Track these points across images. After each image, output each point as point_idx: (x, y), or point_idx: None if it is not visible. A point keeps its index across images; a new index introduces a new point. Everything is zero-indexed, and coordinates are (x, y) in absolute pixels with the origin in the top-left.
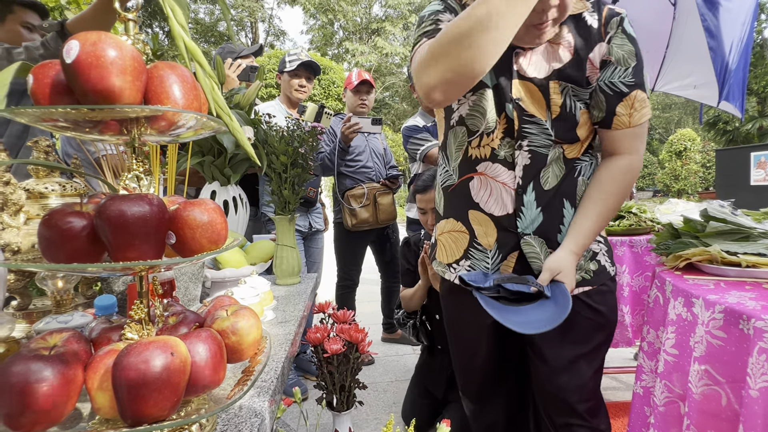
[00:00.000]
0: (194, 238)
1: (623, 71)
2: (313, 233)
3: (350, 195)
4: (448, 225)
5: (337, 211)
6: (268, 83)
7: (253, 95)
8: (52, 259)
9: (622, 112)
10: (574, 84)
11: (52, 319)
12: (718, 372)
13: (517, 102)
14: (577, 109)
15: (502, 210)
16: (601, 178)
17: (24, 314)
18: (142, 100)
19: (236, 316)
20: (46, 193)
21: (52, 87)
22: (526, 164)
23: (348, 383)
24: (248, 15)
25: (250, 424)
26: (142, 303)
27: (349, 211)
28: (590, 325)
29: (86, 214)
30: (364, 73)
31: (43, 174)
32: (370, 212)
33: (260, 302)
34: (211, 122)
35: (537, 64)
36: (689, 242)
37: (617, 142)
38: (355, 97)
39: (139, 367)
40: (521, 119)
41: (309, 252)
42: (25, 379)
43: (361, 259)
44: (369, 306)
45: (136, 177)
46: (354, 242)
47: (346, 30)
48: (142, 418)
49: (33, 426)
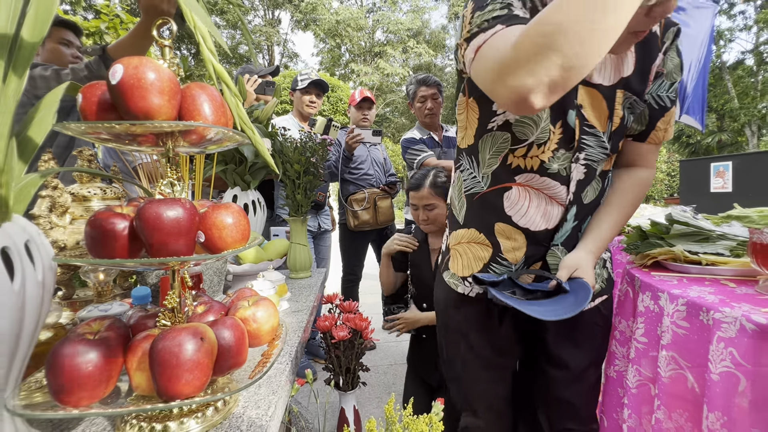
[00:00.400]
0: (221, 237)
1: (669, 85)
2: (321, 233)
3: (353, 199)
4: (468, 235)
5: (341, 213)
6: (283, 100)
7: (270, 111)
8: (97, 255)
9: (661, 126)
10: (637, 96)
11: (93, 307)
12: (683, 358)
13: (579, 109)
14: (630, 122)
15: (544, 225)
16: (624, 188)
17: (68, 303)
18: (177, 116)
19: (256, 306)
20: (88, 196)
21: (99, 105)
22: (580, 179)
23: (353, 366)
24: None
25: (268, 401)
26: (174, 294)
27: (352, 213)
28: (602, 333)
29: (127, 215)
30: (365, 91)
31: (86, 180)
32: (371, 214)
33: (276, 294)
34: (236, 136)
35: (603, 69)
36: (656, 243)
37: (644, 155)
38: (358, 113)
39: (173, 350)
40: (581, 129)
41: (318, 249)
42: (73, 360)
43: (363, 255)
44: (371, 298)
45: (170, 183)
46: (356, 241)
47: (351, 53)
48: (176, 395)
49: (79, 402)
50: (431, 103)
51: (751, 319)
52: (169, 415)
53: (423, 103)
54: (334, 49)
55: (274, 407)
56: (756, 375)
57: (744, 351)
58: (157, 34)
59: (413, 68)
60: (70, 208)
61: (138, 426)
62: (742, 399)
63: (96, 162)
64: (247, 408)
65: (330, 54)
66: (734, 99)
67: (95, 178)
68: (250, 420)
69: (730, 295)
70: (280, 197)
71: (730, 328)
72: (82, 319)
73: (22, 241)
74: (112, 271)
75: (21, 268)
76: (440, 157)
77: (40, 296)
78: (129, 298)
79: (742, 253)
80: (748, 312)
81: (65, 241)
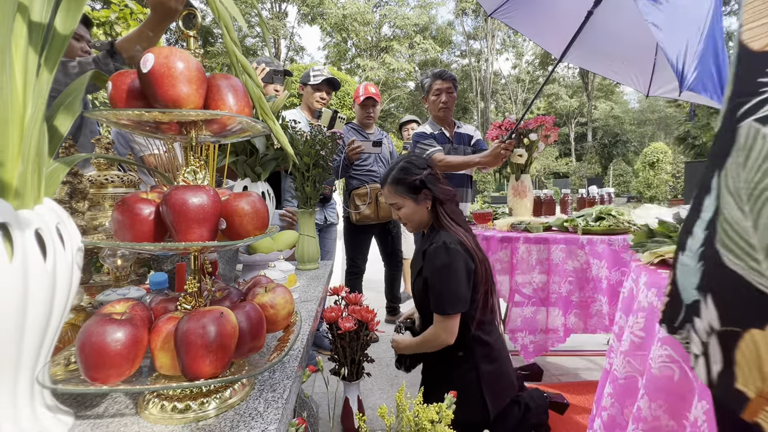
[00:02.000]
0: (242, 224)
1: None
2: (327, 226)
3: (356, 194)
4: None
5: (344, 207)
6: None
7: (281, 103)
8: (123, 239)
9: None
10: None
11: (111, 291)
12: (676, 352)
13: None
14: None
15: None
16: None
17: (85, 288)
18: (203, 105)
19: (274, 293)
20: (105, 183)
21: (128, 92)
22: None
23: (358, 357)
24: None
25: (283, 385)
26: (195, 278)
27: (354, 207)
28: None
29: (153, 201)
30: (370, 88)
31: (104, 167)
32: (372, 209)
33: (287, 283)
34: (258, 126)
35: None
36: (663, 241)
37: None
38: (362, 111)
39: (199, 332)
40: None
41: (323, 242)
42: (102, 339)
43: (366, 249)
44: (374, 292)
45: (193, 171)
46: (359, 234)
47: (358, 47)
48: (200, 375)
49: (107, 379)
50: (446, 97)
51: None
52: (190, 394)
53: (438, 97)
54: (340, 43)
55: (288, 391)
56: None
57: None
58: (183, 25)
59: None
60: (88, 195)
61: (160, 404)
62: None
63: (114, 150)
64: (263, 391)
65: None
66: None
67: (112, 166)
68: (266, 402)
69: None
70: (289, 189)
71: None
72: (101, 302)
73: (53, 224)
74: (130, 256)
75: (53, 249)
76: (449, 153)
77: (70, 277)
78: (143, 284)
79: None
80: None
81: (84, 226)
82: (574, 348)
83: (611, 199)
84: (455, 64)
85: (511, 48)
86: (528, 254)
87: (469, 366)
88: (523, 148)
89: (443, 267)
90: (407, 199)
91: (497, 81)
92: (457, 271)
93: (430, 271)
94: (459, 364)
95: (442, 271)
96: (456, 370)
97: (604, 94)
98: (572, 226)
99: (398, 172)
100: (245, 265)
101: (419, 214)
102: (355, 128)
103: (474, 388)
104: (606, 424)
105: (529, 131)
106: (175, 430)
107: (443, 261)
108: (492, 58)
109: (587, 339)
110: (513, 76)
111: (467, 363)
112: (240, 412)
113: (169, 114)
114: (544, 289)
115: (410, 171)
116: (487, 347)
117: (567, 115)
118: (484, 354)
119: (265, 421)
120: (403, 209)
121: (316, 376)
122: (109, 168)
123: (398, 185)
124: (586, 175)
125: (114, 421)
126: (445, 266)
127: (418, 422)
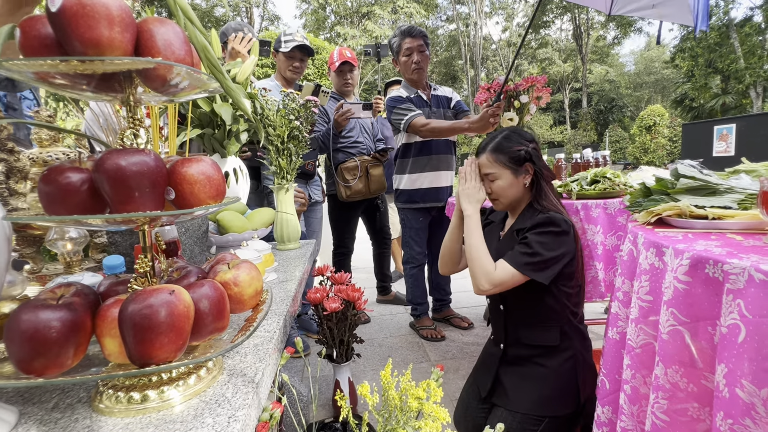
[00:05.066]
0: (193, 193)
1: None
2: (312, 204)
3: (344, 168)
4: None
5: (330, 184)
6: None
7: (249, 69)
8: (54, 213)
9: None
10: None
11: (62, 279)
12: (682, 314)
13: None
14: None
15: None
16: None
17: (37, 277)
18: (132, 53)
19: (237, 269)
20: (50, 161)
21: (40, 40)
22: None
23: (346, 338)
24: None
25: (255, 368)
26: (147, 257)
27: (344, 181)
28: None
29: (85, 169)
30: (345, 52)
31: (47, 143)
32: (363, 183)
33: (262, 263)
34: (204, 78)
35: None
36: (660, 199)
37: None
38: (339, 78)
39: (144, 312)
40: None
41: (308, 222)
42: (33, 326)
43: (354, 226)
44: (364, 273)
45: (133, 134)
46: (346, 212)
47: (337, 14)
48: (150, 360)
49: (44, 370)
50: (417, 56)
51: (760, 269)
52: (148, 383)
53: (409, 57)
54: (318, 10)
55: (261, 374)
56: (755, 326)
57: (749, 302)
58: None
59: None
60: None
61: (115, 396)
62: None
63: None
64: (233, 376)
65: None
66: (740, 59)
67: (57, 142)
68: (236, 387)
69: (738, 248)
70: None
71: (739, 279)
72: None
73: None
74: (80, 240)
75: None
76: (429, 117)
77: None
78: (101, 270)
79: (750, 206)
80: (757, 262)
81: (27, 209)
82: None
83: (607, 162)
84: (442, 30)
85: (500, 11)
86: None
87: (568, 355)
88: (514, 111)
89: (555, 234)
90: (507, 170)
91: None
92: (564, 245)
93: (538, 231)
94: (555, 354)
95: (550, 236)
96: (551, 361)
97: (599, 57)
98: (566, 191)
99: (502, 139)
100: (218, 247)
101: (514, 189)
102: (334, 97)
103: (570, 379)
104: (630, 398)
105: (519, 93)
106: (132, 423)
107: (559, 228)
108: (481, 21)
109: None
110: (504, 41)
111: (566, 352)
112: (206, 399)
113: (90, 63)
114: None
115: (516, 140)
116: (582, 335)
117: (561, 80)
118: (582, 343)
119: (232, 407)
120: (499, 181)
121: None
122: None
123: (500, 153)
124: (581, 142)
125: (64, 416)
126: (557, 234)
127: (405, 401)
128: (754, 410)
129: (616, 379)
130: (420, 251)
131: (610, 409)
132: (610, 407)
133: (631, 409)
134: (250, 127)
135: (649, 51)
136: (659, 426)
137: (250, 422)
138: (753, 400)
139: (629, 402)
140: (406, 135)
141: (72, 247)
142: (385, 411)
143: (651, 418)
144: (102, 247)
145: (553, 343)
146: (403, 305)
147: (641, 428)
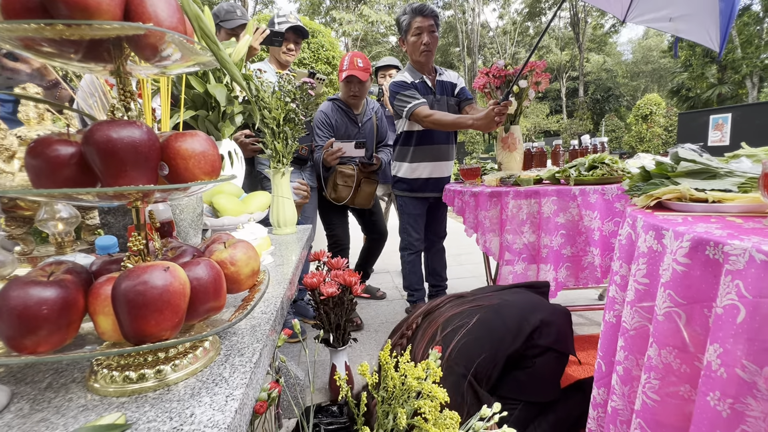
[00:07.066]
0: (187, 168)
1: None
2: None
3: (340, 171)
4: None
5: (317, 177)
6: None
7: (243, 49)
8: (41, 188)
9: None
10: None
11: (53, 259)
12: (679, 295)
13: None
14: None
15: None
16: None
17: (28, 259)
18: (121, 18)
19: (234, 248)
20: None
21: (23, 2)
22: None
23: (343, 322)
24: None
25: (252, 348)
26: (140, 235)
27: (333, 185)
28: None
29: (74, 142)
30: (356, 60)
31: (35, 122)
32: (349, 193)
33: (259, 246)
34: (197, 48)
35: None
36: (660, 182)
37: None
38: (346, 88)
39: (138, 288)
40: None
41: (303, 208)
42: (23, 302)
43: (346, 221)
44: None
45: (124, 107)
46: (335, 208)
47: None
48: (145, 337)
49: (36, 347)
50: (428, 37)
51: (761, 249)
52: (144, 363)
53: (418, 37)
54: None
55: (258, 354)
56: (755, 306)
57: (749, 283)
58: None
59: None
60: (18, 154)
61: (110, 375)
62: (739, 330)
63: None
64: (231, 356)
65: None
66: (737, 48)
67: (45, 120)
68: (233, 367)
69: (738, 230)
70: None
71: (739, 260)
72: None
73: None
74: (72, 220)
75: None
76: (432, 105)
77: None
78: (95, 251)
79: (750, 189)
80: (759, 243)
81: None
82: (565, 304)
83: (605, 148)
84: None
85: None
86: (518, 209)
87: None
88: (512, 96)
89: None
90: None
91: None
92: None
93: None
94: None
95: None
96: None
97: (596, 46)
98: (564, 177)
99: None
100: (213, 231)
101: None
102: (341, 107)
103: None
104: (622, 378)
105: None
106: (128, 402)
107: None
108: (478, 8)
109: (577, 294)
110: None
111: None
112: (203, 379)
113: (77, 28)
114: (535, 245)
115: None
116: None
117: (558, 69)
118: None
119: (230, 386)
120: None
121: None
122: (41, 123)
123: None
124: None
125: (58, 396)
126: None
127: (405, 381)
128: (755, 388)
129: (612, 361)
130: (418, 237)
131: (605, 390)
132: (605, 389)
133: (622, 390)
134: (245, 109)
135: (647, 40)
136: (649, 405)
137: (248, 401)
138: (755, 378)
139: (621, 383)
140: (407, 122)
141: (63, 228)
142: (383, 391)
143: (641, 398)
144: (94, 228)
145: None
146: (374, 299)
147: (631, 408)
